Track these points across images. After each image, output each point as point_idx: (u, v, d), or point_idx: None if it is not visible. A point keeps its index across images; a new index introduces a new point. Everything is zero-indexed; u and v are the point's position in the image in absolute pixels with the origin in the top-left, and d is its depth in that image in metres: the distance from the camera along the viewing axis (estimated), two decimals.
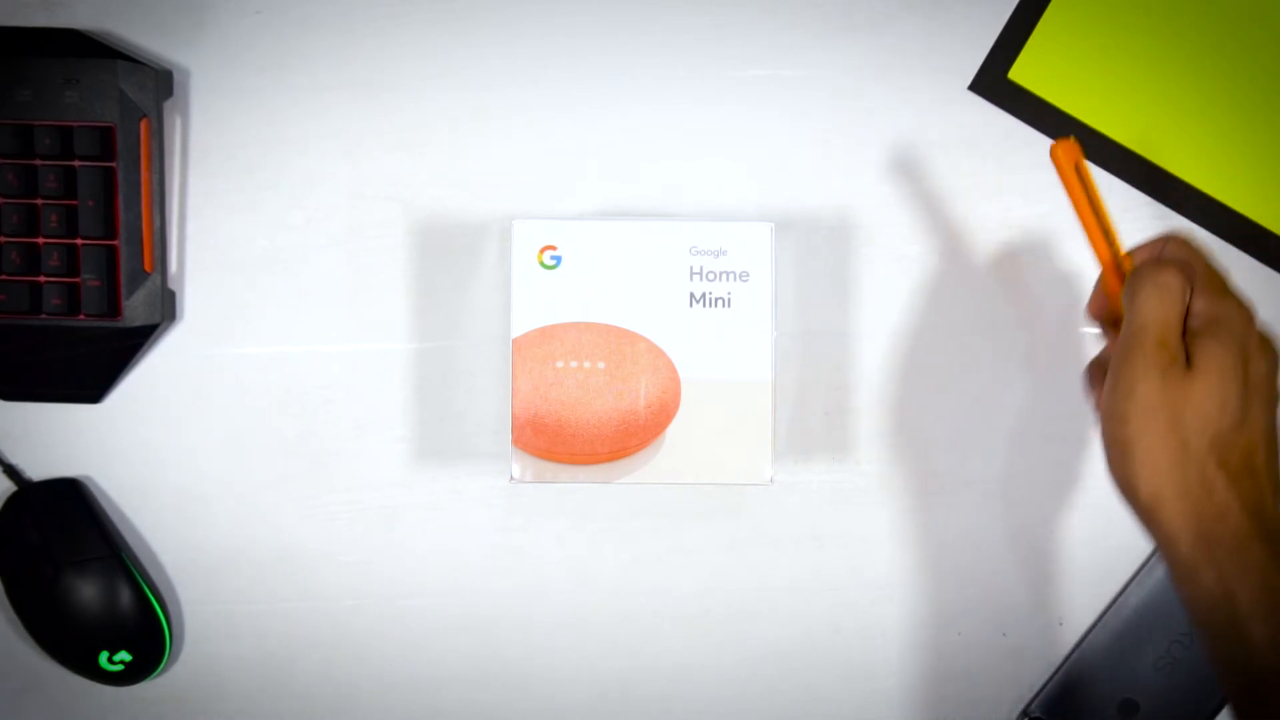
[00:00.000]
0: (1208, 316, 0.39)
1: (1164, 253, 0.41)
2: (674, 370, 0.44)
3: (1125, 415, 0.37)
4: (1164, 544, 0.37)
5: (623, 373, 0.44)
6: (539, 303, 0.44)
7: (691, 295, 0.44)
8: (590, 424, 0.44)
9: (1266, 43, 0.52)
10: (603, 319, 0.44)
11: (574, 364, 0.44)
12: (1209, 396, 0.37)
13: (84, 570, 0.51)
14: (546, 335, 0.44)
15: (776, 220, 0.49)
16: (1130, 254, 0.42)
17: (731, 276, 0.45)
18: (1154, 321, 0.38)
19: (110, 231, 0.51)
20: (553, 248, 0.44)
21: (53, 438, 0.53)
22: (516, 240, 0.44)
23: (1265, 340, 0.39)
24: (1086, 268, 0.53)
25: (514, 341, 0.44)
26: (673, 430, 0.44)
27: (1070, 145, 0.41)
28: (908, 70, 0.53)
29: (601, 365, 0.44)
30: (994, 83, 0.53)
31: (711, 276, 0.44)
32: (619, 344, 0.44)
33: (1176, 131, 0.53)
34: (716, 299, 0.44)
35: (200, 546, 0.53)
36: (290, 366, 0.53)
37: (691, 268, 0.44)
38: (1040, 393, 0.53)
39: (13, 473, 0.53)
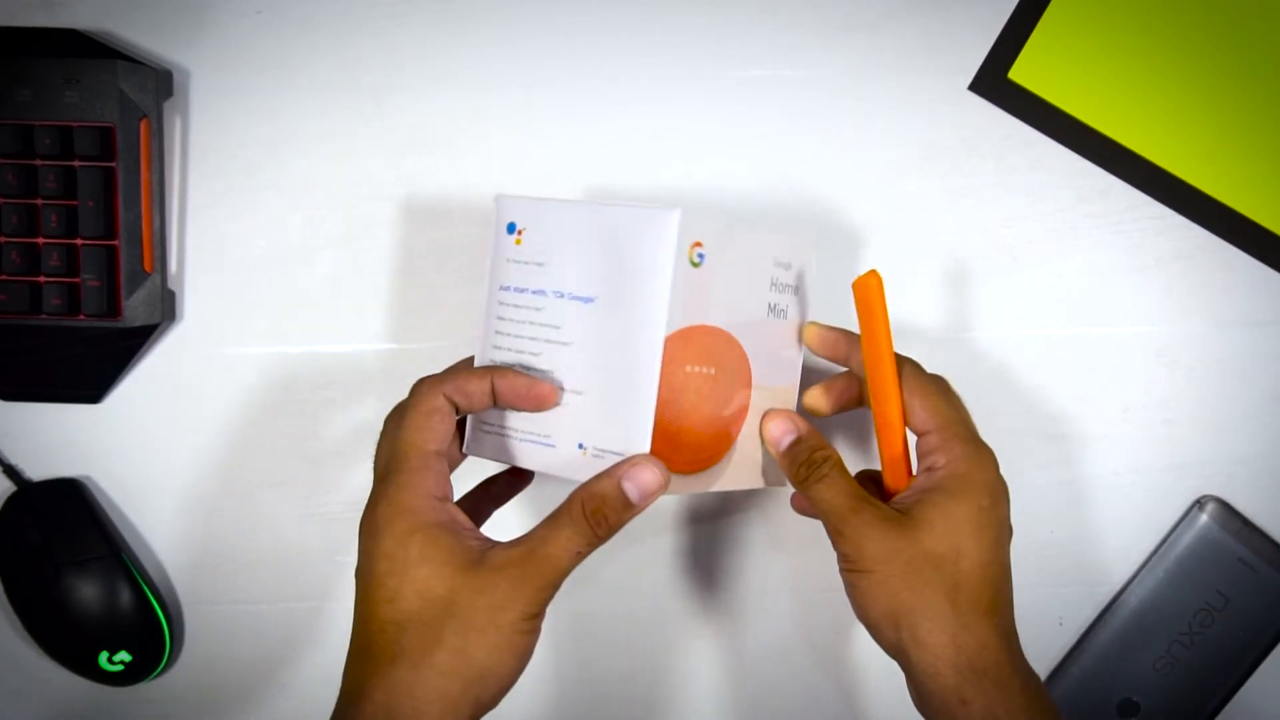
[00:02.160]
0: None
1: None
2: (750, 376, 0.43)
3: (874, 587, 0.40)
4: (924, 675, 0.39)
5: (725, 378, 0.42)
6: (685, 302, 0.40)
7: (769, 305, 0.44)
8: (696, 430, 0.41)
9: (1266, 43, 0.52)
10: (716, 322, 0.41)
11: (697, 369, 0.41)
12: (945, 539, 0.40)
13: (84, 570, 0.51)
14: (684, 337, 0.40)
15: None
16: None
17: (789, 290, 0.45)
18: (835, 500, 0.41)
19: (110, 231, 0.51)
20: (700, 244, 0.40)
21: (53, 438, 0.53)
22: (677, 231, 0.39)
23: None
24: (1087, 268, 0.53)
25: (666, 340, 0.39)
26: (740, 437, 0.44)
27: (872, 280, 0.42)
28: (908, 70, 0.53)
29: (712, 371, 0.41)
30: (994, 83, 0.53)
31: (780, 288, 0.44)
32: (725, 349, 0.42)
33: (1177, 131, 0.52)
34: (781, 310, 0.44)
35: (200, 546, 0.53)
36: (290, 366, 0.53)
37: (772, 278, 0.44)
38: (1040, 392, 0.53)
39: (13, 473, 0.53)
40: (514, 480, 0.46)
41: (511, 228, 0.42)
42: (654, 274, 0.39)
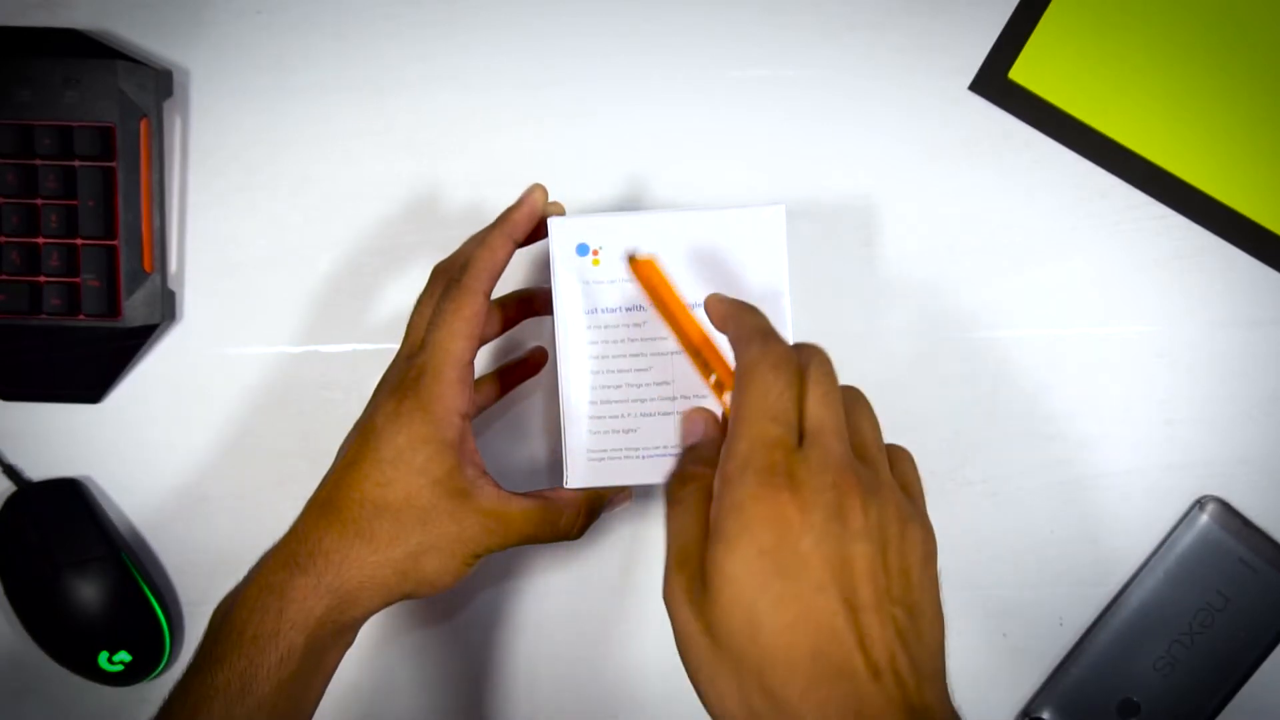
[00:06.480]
0: (719, 506, 0.31)
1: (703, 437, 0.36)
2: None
3: (693, 669, 0.31)
4: None
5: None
6: None
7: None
8: None
9: (1266, 43, 0.52)
10: None
11: None
12: (731, 611, 0.30)
13: (84, 570, 0.51)
14: None
15: None
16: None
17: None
18: (670, 539, 0.33)
19: (110, 231, 0.51)
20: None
21: (53, 438, 0.53)
22: (785, 221, 0.43)
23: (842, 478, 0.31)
24: (1087, 268, 0.53)
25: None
26: None
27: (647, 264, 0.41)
28: (908, 70, 0.53)
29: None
30: (994, 83, 0.53)
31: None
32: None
33: (1177, 131, 0.52)
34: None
35: (200, 546, 0.53)
36: (290, 366, 0.53)
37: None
38: (1041, 392, 0.53)
39: (13, 473, 0.53)
40: (520, 374, 0.50)
41: (584, 249, 0.43)
42: (770, 264, 0.42)
